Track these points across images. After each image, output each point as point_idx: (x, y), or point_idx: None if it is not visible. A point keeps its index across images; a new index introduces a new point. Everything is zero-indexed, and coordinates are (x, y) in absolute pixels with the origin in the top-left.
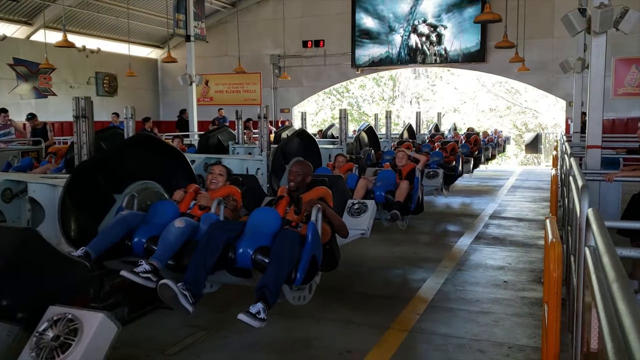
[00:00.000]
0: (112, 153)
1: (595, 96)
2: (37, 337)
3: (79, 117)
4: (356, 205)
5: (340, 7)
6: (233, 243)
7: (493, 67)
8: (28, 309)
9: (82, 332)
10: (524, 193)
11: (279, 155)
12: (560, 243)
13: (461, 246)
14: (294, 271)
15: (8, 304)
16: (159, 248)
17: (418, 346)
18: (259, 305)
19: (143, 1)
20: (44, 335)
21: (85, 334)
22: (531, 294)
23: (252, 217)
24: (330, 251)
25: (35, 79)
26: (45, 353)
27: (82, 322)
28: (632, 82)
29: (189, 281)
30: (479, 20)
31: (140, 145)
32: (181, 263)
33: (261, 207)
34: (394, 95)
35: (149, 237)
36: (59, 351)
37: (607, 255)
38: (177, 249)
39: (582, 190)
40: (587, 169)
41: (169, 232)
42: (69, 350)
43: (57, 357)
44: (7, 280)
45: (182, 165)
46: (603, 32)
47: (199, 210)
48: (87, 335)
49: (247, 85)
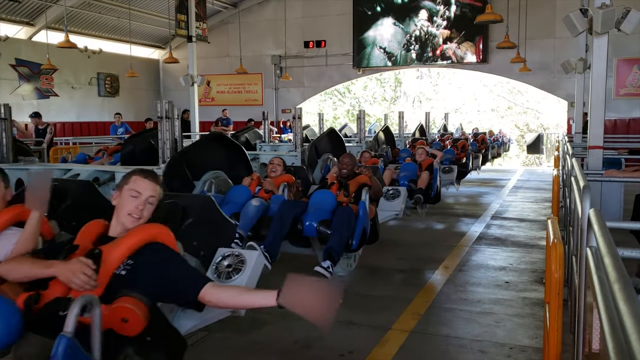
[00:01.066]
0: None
1: (596, 96)
2: (215, 265)
3: (162, 118)
4: (391, 191)
5: (342, 8)
6: (300, 217)
7: (494, 67)
8: (206, 249)
9: (246, 262)
10: (525, 193)
11: (313, 151)
12: (561, 244)
13: (462, 246)
14: (350, 239)
15: (196, 245)
16: (241, 221)
17: (419, 347)
18: (328, 262)
19: (145, 2)
20: (220, 265)
21: (248, 263)
22: (533, 294)
23: (313, 197)
24: (374, 226)
25: (37, 79)
26: (223, 275)
27: (245, 256)
28: (634, 83)
29: (267, 245)
30: (480, 21)
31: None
32: (259, 233)
33: (320, 190)
34: (395, 95)
35: (231, 214)
36: (232, 274)
37: (609, 256)
38: (255, 222)
39: (584, 191)
40: (589, 170)
41: (248, 209)
42: (240, 273)
43: (232, 277)
44: (196, 229)
45: (242, 158)
46: (605, 33)
47: (264, 193)
48: (250, 263)
49: (249, 85)
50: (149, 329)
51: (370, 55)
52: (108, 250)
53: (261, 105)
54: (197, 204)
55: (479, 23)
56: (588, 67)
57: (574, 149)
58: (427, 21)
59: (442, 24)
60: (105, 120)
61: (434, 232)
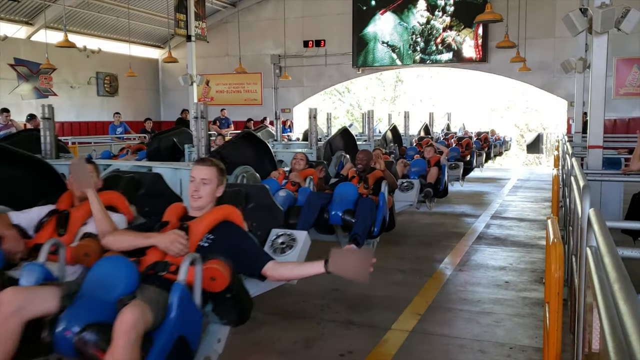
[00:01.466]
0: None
1: (596, 96)
2: (271, 242)
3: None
4: (405, 183)
5: (341, 7)
6: (326, 207)
7: (494, 67)
8: (262, 230)
9: (297, 240)
10: (525, 193)
11: (328, 148)
12: (561, 243)
13: (462, 246)
14: (372, 226)
15: (255, 225)
16: None
17: (419, 347)
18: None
19: (144, 1)
20: (275, 242)
21: (298, 241)
22: (532, 294)
23: (337, 189)
24: (392, 215)
25: (36, 79)
26: (278, 250)
27: (296, 235)
28: (634, 82)
29: None
30: (480, 20)
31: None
32: (287, 221)
33: (343, 182)
34: (395, 95)
35: None
36: (286, 249)
37: (609, 256)
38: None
39: (584, 191)
40: (589, 169)
41: (276, 200)
42: (292, 249)
43: (286, 252)
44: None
45: (267, 154)
46: (604, 32)
47: (291, 185)
48: (300, 241)
49: (248, 85)
50: (229, 287)
51: (374, 51)
52: (193, 226)
53: (260, 105)
54: (256, 191)
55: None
56: (588, 66)
57: (574, 148)
58: (427, 11)
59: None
60: (104, 120)
61: (434, 231)
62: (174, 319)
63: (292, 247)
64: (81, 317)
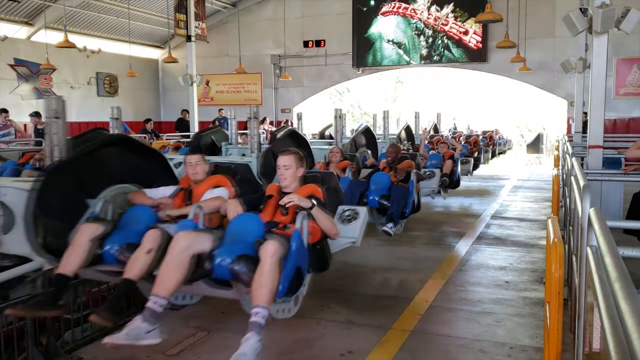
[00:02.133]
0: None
1: (596, 96)
2: (339, 215)
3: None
4: (427, 172)
5: (341, 7)
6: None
7: (494, 67)
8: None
9: (359, 214)
10: (525, 193)
11: (353, 145)
12: (562, 243)
13: (462, 246)
14: (404, 208)
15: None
16: None
17: (419, 346)
18: (391, 224)
19: (144, 1)
20: (342, 214)
21: (360, 215)
22: (533, 294)
23: (373, 178)
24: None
25: (36, 79)
26: (346, 221)
27: (358, 210)
28: (634, 82)
29: None
30: (480, 20)
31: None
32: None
33: (377, 172)
34: (395, 95)
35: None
36: (351, 220)
37: (609, 255)
38: None
39: (584, 190)
40: (589, 169)
41: None
42: (355, 220)
43: (351, 222)
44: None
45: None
46: (604, 32)
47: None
48: (362, 215)
49: (248, 85)
50: (320, 241)
51: (381, 49)
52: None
53: (260, 105)
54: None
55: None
56: (588, 66)
57: (574, 148)
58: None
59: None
60: (104, 120)
61: (434, 231)
62: (294, 252)
63: (356, 218)
64: (232, 252)
